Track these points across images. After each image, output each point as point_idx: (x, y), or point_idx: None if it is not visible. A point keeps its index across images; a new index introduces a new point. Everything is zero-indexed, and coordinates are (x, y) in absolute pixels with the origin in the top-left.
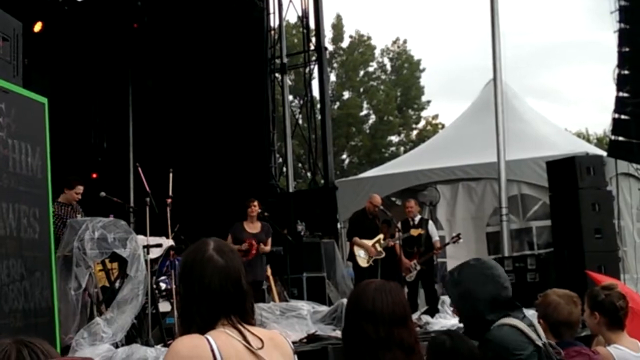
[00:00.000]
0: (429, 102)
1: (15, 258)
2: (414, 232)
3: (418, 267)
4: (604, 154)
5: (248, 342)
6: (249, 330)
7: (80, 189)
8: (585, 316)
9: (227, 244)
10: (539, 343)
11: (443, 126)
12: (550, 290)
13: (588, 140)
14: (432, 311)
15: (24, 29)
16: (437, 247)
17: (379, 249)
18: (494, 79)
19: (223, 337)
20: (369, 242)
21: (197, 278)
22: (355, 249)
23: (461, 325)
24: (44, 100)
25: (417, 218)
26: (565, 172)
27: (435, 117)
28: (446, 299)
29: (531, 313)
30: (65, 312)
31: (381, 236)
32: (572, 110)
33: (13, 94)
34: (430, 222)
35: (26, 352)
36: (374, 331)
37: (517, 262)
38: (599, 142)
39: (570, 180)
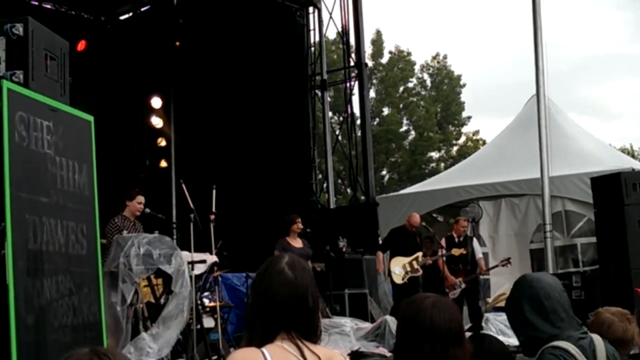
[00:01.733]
0: (469, 117)
1: (64, 274)
2: (456, 251)
3: (463, 285)
4: None
5: (305, 358)
6: (308, 348)
7: (141, 199)
8: (636, 334)
9: (301, 261)
10: None
11: (484, 142)
12: (602, 308)
13: (633, 156)
14: (477, 328)
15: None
16: (483, 269)
17: (416, 266)
18: (537, 94)
19: (280, 352)
20: (405, 260)
21: (264, 289)
22: (391, 265)
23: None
24: (90, 118)
25: (462, 236)
26: (610, 188)
27: (476, 132)
28: (489, 316)
29: None
30: (112, 327)
31: (420, 254)
32: (615, 125)
33: (61, 112)
34: (475, 239)
35: None
36: (430, 349)
37: (561, 280)
38: None
39: (615, 197)
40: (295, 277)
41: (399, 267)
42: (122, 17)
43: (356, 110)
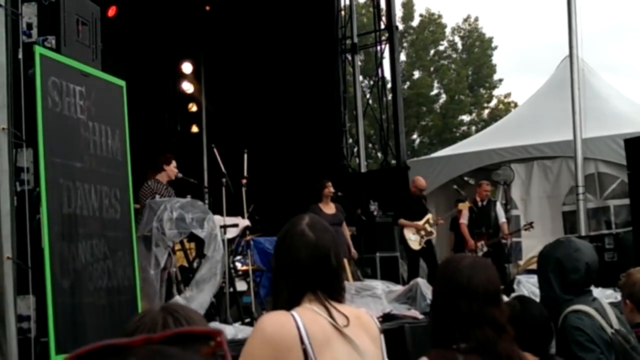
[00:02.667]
0: (500, 80)
1: (98, 238)
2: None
3: (485, 249)
4: None
5: (334, 319)
6: (335, 308)
7: (175, 163)
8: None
9: (321, 221)
10: (610, 331)
11: (515, 105)
12: (633, 269)
13: None
14: (508, 291)
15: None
16: (506, 233)
17: (429, 229)
18: (570, 55)
19: (309, 314)
20: (419, 223)
21: (286, 251)
22: (405, 232)
23: None
24: (122, 83)
25: (485, 200)
26: None
27: (508, 95)
28: (522, 278)
29: (609, 293)
30: (146, 290)
31: (430, 216)
32: None
33: (93, 77)
34: (498, 203)
35: (171, 320)
36: (467, 307)
37: (594, 242)
38: None
39: None
40: (316, 238)
41: (413, 233)
42: None
43: (387, 74)
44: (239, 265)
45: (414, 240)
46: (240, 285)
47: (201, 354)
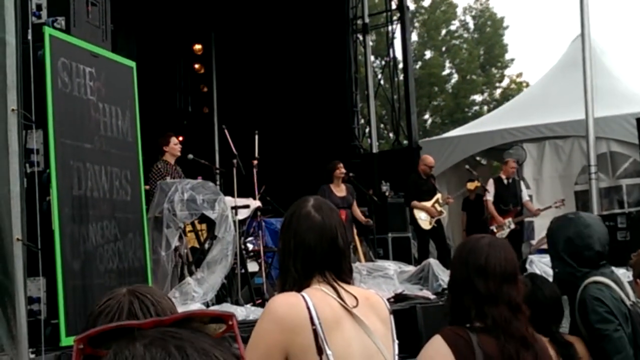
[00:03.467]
0: (512, 60)
1: (108, 219)
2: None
3: (512, 226)
4: None
5: (343, 300)
6: (344, 288)
7: (175, 139)
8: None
9: (327, 202)
10: (628, 303)
11: (527, 84)
12: None
13: None
14: (520, 270)
15: None
16: (533, 210)
17: (439, 208)
18: (582, 34)
19: (319, 295)
20: (428, 204)
21: (293, 233)
22: (416, 212)
23: None
24: (132, 64)
25: (512, 178)
26: None
27: (520, 75)
28: (534, 258)
29: (622, 272)
30: (159, 272)
31: (439, 196)
32: None
33: (102, 58)
34: (522, 182)
35: (137, 305)
36: (484, 286)
37: (607, 221)
38: None
39: None
40: (322, 219)
41: (424, 213)
42: None
43: (398, 54)
44: (250, 246)
45: (424, 220)
46: (252, 267)
47: (211, 336)
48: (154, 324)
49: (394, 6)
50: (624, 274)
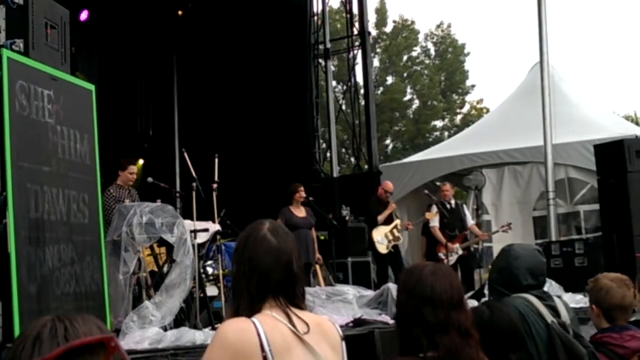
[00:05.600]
0: (473, 86)
1: (65, 242)
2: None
3: (460, 252)
4: None
5: (294, 326)
6: (295, 314)
7: (133, 168)
8: (637, 300)
9: (282, 226)
10: (548, 320)
11: (488, 110)
12: (600, 274)
13: (637, 124)
14: (479, 295)
15: (70, 17)
16: (479, 234)
17: (397, 234)
18: (541, 61)
19: (269, 321)
20: (386, 229)
21: (248, 256)
22: (373, 235)
23: None
24: (92, 87)
25: (453, 202)
26: (613, 155)
27: (480, 101)
28: None
29: (578, 298)
30: (114, 295)
31: (398, 222)
32: (620, 93)
33: (61, 81)
34: (465, 205)
35: (62, 328)
36: (433, 315)
37: (564, 247)
38: None
39: (618, 164)
40: (278, 243)
41: (381, 237)
42: None
43: (359, 79)
44: (209, 270)
45: (381, 244)
46: (211, 290)
47: None
48: None
49: (355, 32)
50: (581, 300)
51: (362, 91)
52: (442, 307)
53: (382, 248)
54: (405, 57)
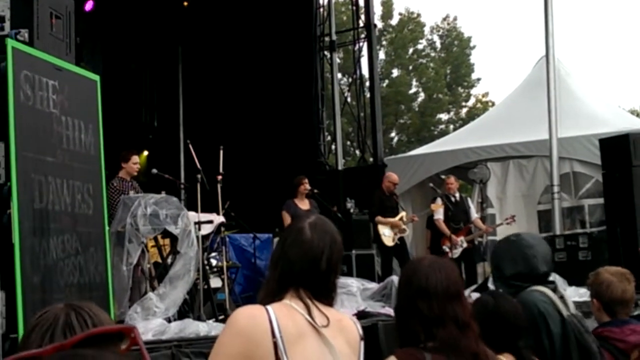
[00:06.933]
0: (479, 79)
1: (70, 233)
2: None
3: (465, 244)
4: None
5: (313, 317)
6: (317, 307)
7: (135, 158)
8: None
9: (327, 223)
10: (565, 313)
11: (493, 104)
12: (602, 268)
13: None
14: (483, 289)
15: (75, 7)
16: (486, 227)
17: (403, 226)
18: (547, 55)
19: (284, 309)
20: (392, 220)
21: (282, 245)
22: (379, 228)
23: None
24: (96, 77)
25: (457, 195)
26: (618, 149)
27: (486, 94)
28: None
29: (582, 291)
30: (118, 287)
31: (404, 214)
32: (626, 88)
33: (66, 71)
34: (469, 199)
35: (74, 316)
36: (428, 308)
37: (568, 241)
38: None
39: (623, 158)
40: (311, 238)
41: (387, 229)
42: None
43: (365, 71)
44: (214, 261)
45: (387, 237)
46: (215, 282)
47: (117, 352)
48: (55, 350)
49: (361, 24)
50: (585, 293)
51: (367, 84)
52: (437, 300)
53: (388, 241)
54: (411, 50)
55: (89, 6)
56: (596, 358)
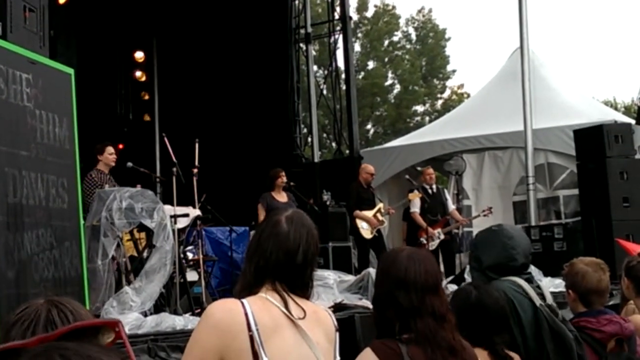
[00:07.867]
0: (454, 71)
1: (44, 227)
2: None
3: (442, 236)
4: (633, 122)
5: (289, 310)
6: (293, 300)
7: (111, 149)
8: (624, 288)
9: (304, 217)
10: (537, 303)
11: (468, 95)
12: (576, 259)
13: (616, 109)
14: (459, 280)
15: (49, 0)
16: (463, 219)
17: (381, 218)
18: (521, 46)
19: (260, 303)
20: (369, 213)
21: (258, 238)
22: (357, 221)
23: None
24: (71, 71)
25: (434, 186)
26: (593, 140)
27: (461, 86)
28: None
29: (558, 282)
30: (93, 281)
31: (381, 205)
32: (599, 79)
33: (40, 65)
34: (446, 190)
35: (55, 312)
36: (406, 299)
37: (544, 231)
38: (627, 111)
39: (598, 149)
40: (288, 230)
41: (365, 222)
42: None
43: (341, 64)
44: (190, 255)
45: (365, 229)
46: (191, 276)
47: (100, 345)
48: (39, 341)
49: (336, 16)
50: (560, 284)
51: (343, 76)
52: (415, 291)
53: (367, 233)
54: (386, 42)
55: None
56: (572, 346)
